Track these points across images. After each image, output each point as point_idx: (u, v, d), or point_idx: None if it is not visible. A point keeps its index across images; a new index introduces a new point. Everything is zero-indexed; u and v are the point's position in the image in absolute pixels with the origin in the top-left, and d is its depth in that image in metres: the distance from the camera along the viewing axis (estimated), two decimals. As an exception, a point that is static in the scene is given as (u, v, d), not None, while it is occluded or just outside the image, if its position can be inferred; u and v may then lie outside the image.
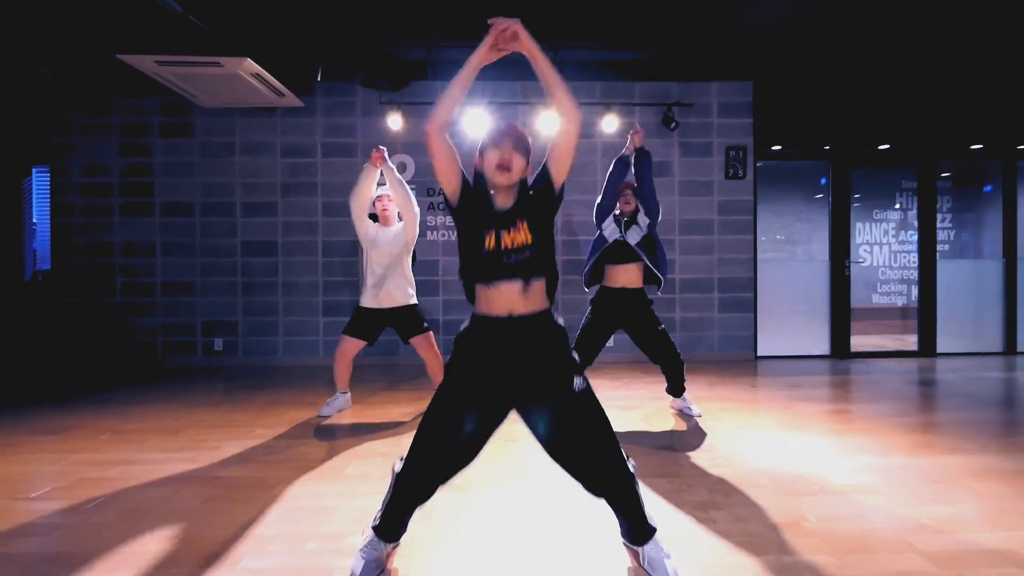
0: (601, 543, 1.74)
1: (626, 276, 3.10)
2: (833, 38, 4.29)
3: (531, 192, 1.59)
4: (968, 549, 1.70)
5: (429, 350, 3.31)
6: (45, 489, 2.20)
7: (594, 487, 1.57)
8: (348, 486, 2.21)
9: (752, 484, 2.22)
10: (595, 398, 1.56)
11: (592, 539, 1.77)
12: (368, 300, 3.26)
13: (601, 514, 1.79)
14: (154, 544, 1.76)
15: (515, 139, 1.57)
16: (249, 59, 3.66)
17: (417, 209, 3.18)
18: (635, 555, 1.65)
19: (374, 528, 1.62)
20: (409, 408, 3.45)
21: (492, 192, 1.59)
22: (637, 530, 1.61)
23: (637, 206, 3.11)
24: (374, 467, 2.42)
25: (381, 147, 3.07)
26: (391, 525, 1.62)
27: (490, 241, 1.54)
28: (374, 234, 3.27)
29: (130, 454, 2.61)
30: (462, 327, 1.61)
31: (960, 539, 1.77)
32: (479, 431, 1.55)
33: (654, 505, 2.01)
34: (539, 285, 1.57)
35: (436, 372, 3.34)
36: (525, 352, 1.54)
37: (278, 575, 1.58)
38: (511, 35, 1.49)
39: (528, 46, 1.50)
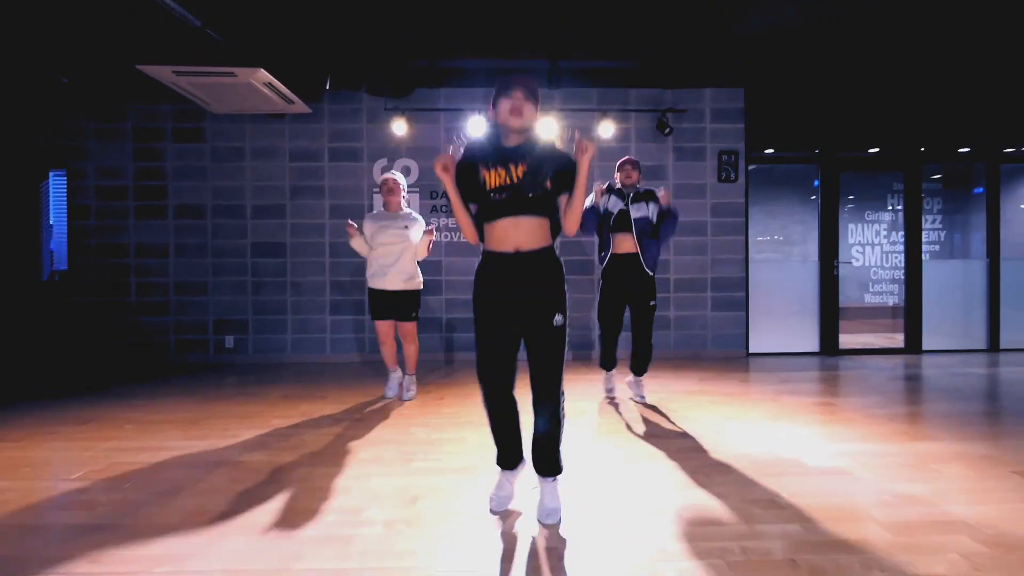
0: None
1: (630, 242, 3.35)
2: (823, 45, 4.47)
3: (547, 159, 1.80)
4: (923, 520, 1.88)
5: (409, 336, 3.53)
6: (81, 472, 2.38)
7: (536, 400, 1.85)
8: (363, 468, 2.40)
9: (733, 467, 2.39)
10: (564, 335, 1.84)
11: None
12: (374, 282, 3.46)
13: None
14: (188, 517, 1.94)
15: (525, 89, 1.78)
16: (262, 69, 3.85)
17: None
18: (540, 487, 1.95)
19: (497, 462, 1.98)
20: (416, 401, 3.62)
21: (503, 136, 1.83)
22: (545, 462, 1.90)
23: (648, 189, 3.41)
24: (386, 452, 2.60)
25: (352, 223, 3.42)
26: (504, 450, 1.96)
27: (494, 177, 1.77)
28: (377, 220, 3.44)
29: (156, 442, 2.80)
30: (477, 264, 1.89)
31: (918, 511, 1.95)
32: (511, 342, 1.86)
33: (638, 485, 2.20)
34: (541, 222, 1.80)
35: (410, 358, 3.58)
36: (526, 283, 1.80)
37: (302, 543, 1.76)
38: (584, 150, 1.74)
39: (585, 171, 1.76)
